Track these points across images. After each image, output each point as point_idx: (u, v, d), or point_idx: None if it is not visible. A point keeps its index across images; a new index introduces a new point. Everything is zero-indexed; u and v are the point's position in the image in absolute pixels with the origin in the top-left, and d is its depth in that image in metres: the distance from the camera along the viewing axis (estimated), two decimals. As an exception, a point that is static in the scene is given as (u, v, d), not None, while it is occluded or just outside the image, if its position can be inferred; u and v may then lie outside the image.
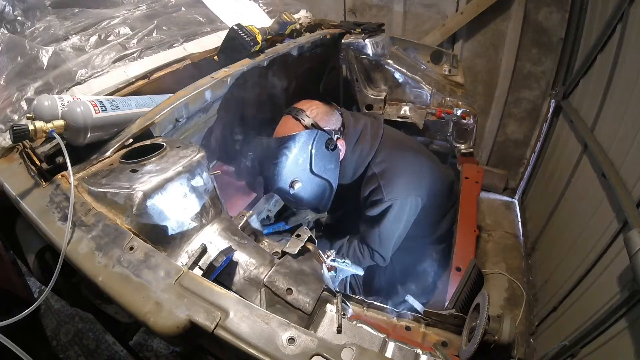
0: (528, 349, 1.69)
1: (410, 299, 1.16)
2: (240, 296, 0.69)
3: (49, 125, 0.83)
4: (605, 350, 1.16)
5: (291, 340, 0.54)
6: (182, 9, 1.53)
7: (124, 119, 0.97)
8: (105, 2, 1.41)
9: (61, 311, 2.14)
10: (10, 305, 1.36)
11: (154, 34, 1.33)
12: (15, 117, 1.00)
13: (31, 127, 0.80)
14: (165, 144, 0.90)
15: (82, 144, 0.90)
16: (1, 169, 0.90)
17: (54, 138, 0.83)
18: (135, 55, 1.23)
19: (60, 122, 0.85)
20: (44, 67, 1.10)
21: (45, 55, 1.12)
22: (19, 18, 1.22)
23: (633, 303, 1.06)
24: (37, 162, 0.91)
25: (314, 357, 0.52)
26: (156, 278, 0.64)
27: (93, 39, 1.22)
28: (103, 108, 0.90)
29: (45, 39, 1.19)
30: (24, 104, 1.01)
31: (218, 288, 0.62)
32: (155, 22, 1.36)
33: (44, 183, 0.85)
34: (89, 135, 0.89)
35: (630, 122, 1.32)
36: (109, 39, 1.24)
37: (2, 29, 1.16)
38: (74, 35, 1.22)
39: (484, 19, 2.07)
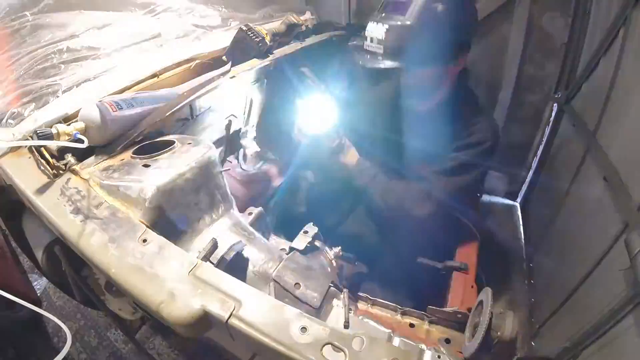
0: (529, 351, 1.69)
1: None
2: (250, 290, 0.69)
3: (70, 128, 0.85)
4: (607, 353, 1.17)
5: (303, 329, 0.56)
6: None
7: (139, 115, 0.99)
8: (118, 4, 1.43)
9: (63, 308, 2.14)
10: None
11: (164, 34, 1.35)
12: (25, 113, 1.01)
13: (54, 131, 0.82)
14: (176, 141, 0.91)
15: (104, 143, 0.93)
16: (10, 164, 0.90)
17: (79, 139, 0.85)
18: (145, 53, 1.24)
19: (81, 125, 0.88)
20: (55, 64, 1.12)
21: (56, 52, 1.13)
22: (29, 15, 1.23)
23: (634, 305, 1.07)
24: (47, 156, 0.92)
25: (326, 345, 0.54)
26: (170, 269, 0.65)
27: (104, 37, 1.24)
28: (119, 107, 0.92)
29: (57, 35, 1.20)
30: (33, 101, 1.03)
31: (231, 279, 0.63)
32: (164, 22, 1.38)
33: (54, 177, 0.86)
34: (109, 133, 0.92)
35: (632, 126, 1.33)
36: (120, 38, 1.26)
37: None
38: (85, 32, 1.23)
39: (487, 23, 2.08)
